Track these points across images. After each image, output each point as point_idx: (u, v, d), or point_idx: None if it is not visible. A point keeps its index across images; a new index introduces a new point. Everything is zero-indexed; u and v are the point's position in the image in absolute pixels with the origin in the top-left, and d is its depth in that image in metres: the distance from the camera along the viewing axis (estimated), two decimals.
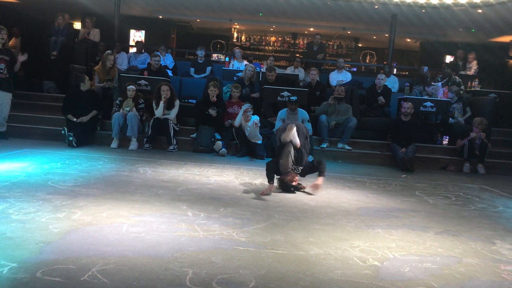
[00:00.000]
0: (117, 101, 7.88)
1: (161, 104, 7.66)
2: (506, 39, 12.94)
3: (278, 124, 7.56)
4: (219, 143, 7.51)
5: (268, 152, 7.54)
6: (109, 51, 9.04)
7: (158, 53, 9.76)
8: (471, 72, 11.42)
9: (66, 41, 10.53)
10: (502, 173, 7.91)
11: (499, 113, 9.48)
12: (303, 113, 7.64)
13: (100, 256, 2.72)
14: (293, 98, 7.64)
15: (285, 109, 7.72)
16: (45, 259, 2.62)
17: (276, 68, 9.55)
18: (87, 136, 7.52)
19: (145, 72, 8.68)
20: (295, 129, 4.90)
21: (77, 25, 14.41)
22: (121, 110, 7.63)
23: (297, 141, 4.89)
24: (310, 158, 5.52)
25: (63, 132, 7.23)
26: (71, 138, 7.05)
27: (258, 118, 7.62)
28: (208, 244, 3.08)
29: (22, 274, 2.40)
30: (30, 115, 8.46)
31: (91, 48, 10.46)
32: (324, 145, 8.07)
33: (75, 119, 7.47)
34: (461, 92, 9.58)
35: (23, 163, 5.50)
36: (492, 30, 11.90)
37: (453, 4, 10.32)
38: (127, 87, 7.73)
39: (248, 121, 7.61)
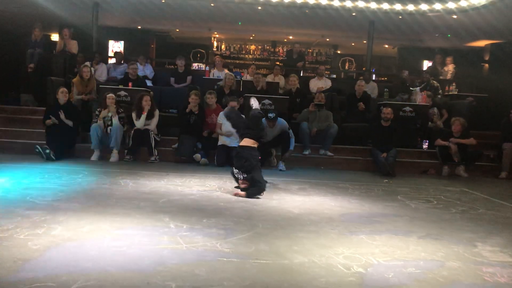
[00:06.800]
0: (96, 112, 7.77)
1: (143, 115, 7.58)
2: (481, 43, 13.22)
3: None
4: (198, 154, 7.49)
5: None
6: (87, 63, 8.95)
7: (138, 63, 9.72)
8: (448, 76, 11.64)
9: (44, 53, 10.37)
10: (481, 175, 8.04)
11: (476, 116, 9.64)
12: (281, 122, 7.53)
13: (81, 272, 2.66)
14: (271, 115, 7.22)
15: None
16: (23, 277, 2.55)
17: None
18: (67, 149, 7.40)
19: (130, 84, 8.62)
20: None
21: (55, 37, 14.23)
22: (98, 120, 7.52)
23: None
24: None
25: (36, 150, 6.99)
26: (47, 151, 6.92)
27: None
28: (191, 256, 3.05)
29: None
30: (8, 129, 8.31)
31: (69, 60, 10.32)
32: (307, 152, 8.12)
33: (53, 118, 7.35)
34: (436, 97, 9.76)
35: (0, 179, 5.38)
36: (467, 35, 12.15)
37: (428, 10, 10.50)
38: (107, 95, 7.63)
39: None
